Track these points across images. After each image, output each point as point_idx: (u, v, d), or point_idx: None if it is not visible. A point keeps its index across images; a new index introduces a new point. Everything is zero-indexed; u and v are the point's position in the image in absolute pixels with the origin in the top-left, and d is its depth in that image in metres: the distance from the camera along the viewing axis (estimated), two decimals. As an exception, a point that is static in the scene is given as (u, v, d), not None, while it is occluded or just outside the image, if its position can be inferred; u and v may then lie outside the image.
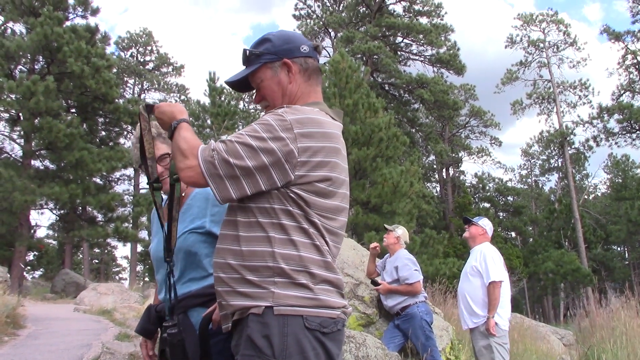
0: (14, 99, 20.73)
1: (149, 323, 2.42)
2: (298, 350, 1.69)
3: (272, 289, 1.74)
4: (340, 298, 1.84)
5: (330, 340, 1.77)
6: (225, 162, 1.74)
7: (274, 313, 1.71)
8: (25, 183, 19.87)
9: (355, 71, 18.94)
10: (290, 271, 1.75)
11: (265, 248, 1.77)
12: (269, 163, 1.73)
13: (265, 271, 1.76)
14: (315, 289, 1.76)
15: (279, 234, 1.77)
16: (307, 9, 43.79)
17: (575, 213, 40.72)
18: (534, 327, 13.42)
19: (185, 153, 1.81)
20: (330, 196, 1.85)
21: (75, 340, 8.51)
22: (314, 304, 1.75)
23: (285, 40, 2.00)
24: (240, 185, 1.75)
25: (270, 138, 1.74)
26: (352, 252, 7.70)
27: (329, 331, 1.76)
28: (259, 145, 1.74)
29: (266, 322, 1.71)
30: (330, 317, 1.77)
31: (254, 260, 1.77)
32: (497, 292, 5.30)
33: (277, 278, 1.75)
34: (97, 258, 53.38)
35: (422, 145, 45.03)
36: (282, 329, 1.70)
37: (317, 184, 1.79)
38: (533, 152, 56.14)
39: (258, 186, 1.75)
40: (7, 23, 24.93)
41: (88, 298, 16.46)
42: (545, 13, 46.17)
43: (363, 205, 17.79)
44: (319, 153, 1.79)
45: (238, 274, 1.79)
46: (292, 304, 1.72)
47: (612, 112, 40.66)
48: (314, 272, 1.77)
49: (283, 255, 1.75)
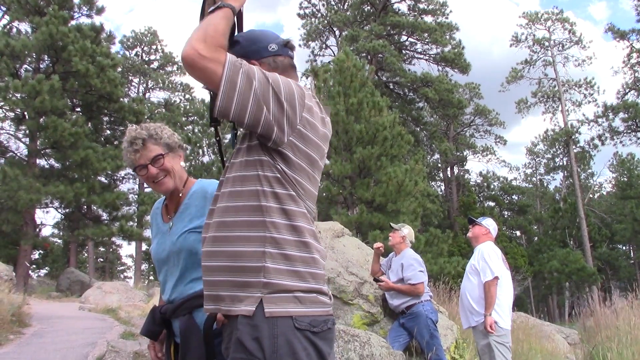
0: (19, 98, 20.77)
1: (154, 325, 2.42)
2: (289, 352, 1.69)
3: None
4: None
5: (321, 340, 1.76)
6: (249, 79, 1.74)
7: (265, 316, 1.70)
8: (31, 182, 19.92)
9: (360, 70, 18.92)
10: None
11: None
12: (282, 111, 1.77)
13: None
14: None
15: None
16: (312, 7, 43.77)
17: (580, 212, 40.64)
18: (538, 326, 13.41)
19: (216, 40, 1.74)
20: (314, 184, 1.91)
21: (80, 339, 8.53)
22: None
23: (251, 41, 1.98)
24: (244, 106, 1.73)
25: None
26: (357, 251, 7.70)
27: (319, 330, 1.75)
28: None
29: (256, 325, 1.70)
30: (320, 316, 1.77)
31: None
32: (493, 290, 5.28)
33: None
34: (102, 257, 53.54)
35: (426, 144, 45.00)
36: (272, 330, 1.69)
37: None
38: (538, 151, 56.04)
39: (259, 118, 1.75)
40: (12, 22, 25.00)
41: (93, 296, 16.49)
42: (551, 11, 46.06)
43: (367, 204, 17.77)
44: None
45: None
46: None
47: (617, 110, 40.54)
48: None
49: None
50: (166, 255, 2.38)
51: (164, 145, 2.41)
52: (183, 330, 2.27)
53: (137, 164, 2.38)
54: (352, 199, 18.73)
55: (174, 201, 2.48)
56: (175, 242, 2.34)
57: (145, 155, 2.38)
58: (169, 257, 2.37)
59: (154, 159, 2.39)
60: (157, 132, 2.43)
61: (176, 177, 2.43)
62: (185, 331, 2.26)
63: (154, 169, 2.38)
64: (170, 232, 2.39)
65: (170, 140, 2.45)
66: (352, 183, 18.40)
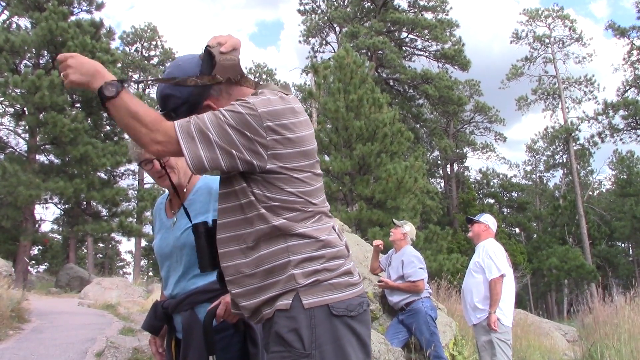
0: (18, 94, 20.75)
1: (155, 319, 2.43)
2: (329, 340, 1.70)
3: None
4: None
5: (359, 323, 1.77)
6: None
7: (304, 307, 1.71)
8: (30, 177, 19.91)
9: (360, 66, 18.90)
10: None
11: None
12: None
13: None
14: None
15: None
16: (312, 4, 43.73)
17: (579, 209, 40.67)
18: (537, 323, 13.45)
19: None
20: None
21: (80, 335, 8.54)
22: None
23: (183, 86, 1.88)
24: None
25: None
26: (356, 247, 7.70)
27: (356, 314, 1.77)
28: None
29: (293, 316, 1.71)
30: (354, 298, 1.78)
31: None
32: (499, 287, 5.29)
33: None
34: (102, 253, 53.54)
35: (426, 141, 45.00)
36: (310, 320, 1.70)
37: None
38: (538, 148, 56.03)
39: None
40: (12, 18, 24.94)
41: (92, 292, 16.52)
42: (551, 8, 45.97)
43: (367, 200, 17.78)
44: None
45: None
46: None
47: (617, 108, 40.55)
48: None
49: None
50: (169, 250, 2.38)
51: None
52: (185, 326, 2.28)
53: (143, 158, 2.38)
54: (351, 196, 18.73)
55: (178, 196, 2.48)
56: (179, 238, 2.34)
57: None
58: (172, 252, 2.38)
59: (144, 161, 2.39)
60: None
61: (180, 173, 2.42)
62: (187, 327, 2.27)
63: (159, 163, 2.38)
64: (174, 227, 2.39)
65: None
66: (352, 180, 18.41)
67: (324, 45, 44.05)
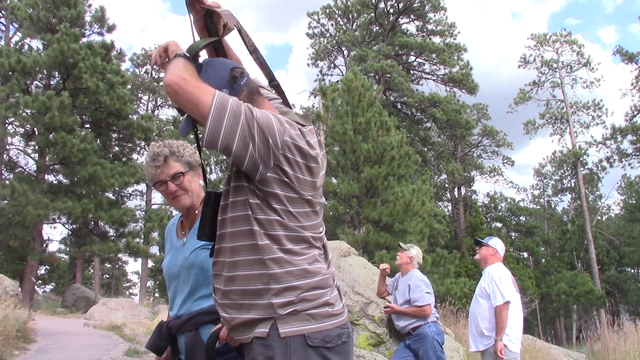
0: (29, 114, 20.97)
1: (160, 339, 2.43)
2: None
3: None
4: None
5: (336, 354, 1.76)
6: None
7: (280, 336, 1.71)
8: (39, 197, 20.01)
9: (368, 90, 18.99)
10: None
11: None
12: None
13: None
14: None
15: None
16: (321, 27, 44.07)
17: (588, 234, 40.38)
18: (546, 349, 13.28)
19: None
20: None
21: (85, 355, 8.51)
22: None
23: (220, 74, 1.99)
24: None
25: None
26: (363, 270, 7.67)
27: (333, 345, 1.76)
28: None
29: (269, 345, 1.72)
30: (333, 329, 1.78)
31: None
32: (505, 314, 5.22)
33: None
34: (108, 273, 53.49)
35: (434, 164, 44.96)
36: (285, 349, 1.70)
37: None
38: (546, 172, 55.84)
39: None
40: (24, 39, 25.30)
41: (98, 313, 16.49)
42: (559, 33, 46.08)
43: (374, 223, 17.74)
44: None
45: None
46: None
47: (626, 133, 40.43)
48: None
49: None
50: (177, 271, 2.40)
51: (185, 163, 2.45)
52: (189, 346, 2.27)
53: (157, 180, 2.42)
54: (358, 219, 18.70)
55: (190, 218, 2.50)
56: (187, 258, 2.36)
57: (166, 172, 2.42)
58: (179, 273, 2.39)
59: (174, 175, 2.42)
60: (179, 149, 2.47)
61: (194, 195, 2.46)
62: (190, 347, 2.27)
63: (173, 185, 2.41)
64: (184, 248, 2.41)
65: (192, 158, 2.49)
66: (359, 202, 18.39)
67: (332, 69, 44.34)
